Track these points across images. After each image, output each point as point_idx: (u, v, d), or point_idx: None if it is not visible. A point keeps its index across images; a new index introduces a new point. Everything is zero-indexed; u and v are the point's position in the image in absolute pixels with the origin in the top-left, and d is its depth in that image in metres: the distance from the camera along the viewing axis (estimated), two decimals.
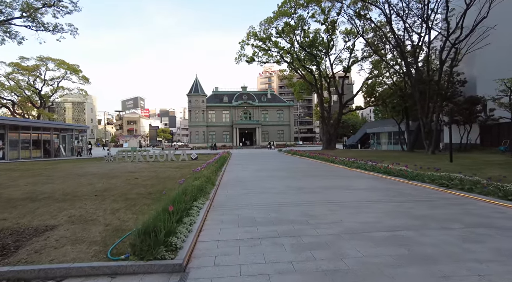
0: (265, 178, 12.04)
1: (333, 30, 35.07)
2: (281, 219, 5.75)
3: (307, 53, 36.78)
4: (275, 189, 9.26)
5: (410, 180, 10.13)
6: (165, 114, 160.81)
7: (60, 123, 37.76)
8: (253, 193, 8.65)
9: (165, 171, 14.56)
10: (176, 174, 13.26)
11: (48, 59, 41.48)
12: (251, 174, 13.80)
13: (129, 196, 7.83)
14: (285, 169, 15.86)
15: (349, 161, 16.17)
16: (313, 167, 16.83)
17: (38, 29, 21.31)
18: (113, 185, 9.76)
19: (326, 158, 19.85)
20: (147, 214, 5.61)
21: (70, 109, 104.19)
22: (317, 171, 14.72)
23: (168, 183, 10.28)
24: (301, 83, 42.26)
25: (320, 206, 6.83)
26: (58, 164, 20.24)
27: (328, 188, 9.32)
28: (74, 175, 12.98)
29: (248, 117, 70.85)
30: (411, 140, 27.95)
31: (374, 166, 13.39)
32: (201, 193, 7.47)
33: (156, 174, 13.47)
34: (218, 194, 8.61)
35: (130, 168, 16.41)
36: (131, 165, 18.66)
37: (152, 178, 11.93)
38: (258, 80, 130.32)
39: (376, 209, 6.52)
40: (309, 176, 12.58)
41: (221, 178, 12.23)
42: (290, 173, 13.86)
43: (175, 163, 20.07)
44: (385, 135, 45.99)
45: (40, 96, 42.54)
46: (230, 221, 5.71)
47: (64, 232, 4.68)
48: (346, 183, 10.51)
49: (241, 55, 36.63)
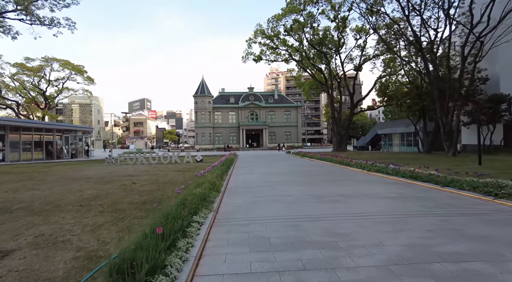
0: (277, 183, 10.82)
1: (344, 27, 33.71)
2: (302, 240, 4.53)
3: (316, 51, 35.48)
4: (290, 197, 8.04)
5: (443, 186, 8.81)
6: (172, 116, 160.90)
7: (63, 125, 37.11)
8: (264, 202, 7.45)
9: (167, 175, 13.46)
10: (178, 178, 12.13)
11: (52, 59, 40.99)
12: (260, 178, 12.60)
13: (119, 206, 6.70)
14: (297, 173, 14.62)
15: (367, 164, 14.84)
16: (327, 170, 15.54)
17: (33, 23, 20.45)
18: (105, 192, 8.66)
19: (340, 160, 18.54)
20: (135, 232, 4.47)
21: (77, 111, 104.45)
22: (333, 175, 13.44)
23: (168, 189, 9.15)
24: (310, 82, 40.89)
25: (347, 221, 5.59)
26: (55, 166, 19.33)
27: (350, 196, 8.07)
28: (67, 179, 11.95)
29: (254, 118, 69.69)
30: (428, 141, 26.35)
31: (397, 169, 12.06)
32: (203, 203, 6.31)
33: (157, 178, 12.37)
34: (223, 203, 7.43)
35: (130, 171, 15.36)
36: (132, 168, 17.63)
37: (151, 182, 10.82)
38: (265, 81, 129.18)
39: (417, 225, 5.26)
40: (325, 181, 11.32)
41: (227, 182, 11.06)
42: (304, 177, 12.62)
43: (179, 166, 18.99)
44: (397, 136, 44.33)
45: (44, 97, 42.05)
46: (238, 242, 4.51)
47: (18, 262, 3.54)
48: (369, 189, 9.23)
49: (248, 54, 35.49)
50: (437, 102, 22.15)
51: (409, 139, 41.87)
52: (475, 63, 20.84)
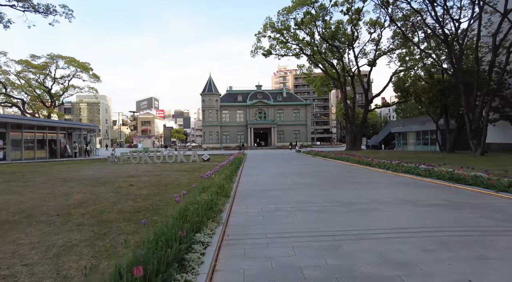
0: (294, 186, 9.42)
1: (358, 20, 31.97)
2: (350, 273, 3.15)
3: (328, 46, 33.83)
4: (314, 204, 6.64)
5: (498, 191, 7.30)
6: (180, 115, 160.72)
7: (67, 122, 36.32)
8: (284, 211, 6.07)
9: (170, 175, 12.18)
10: (183, 179, 10.84)
11: (58, 57, 40.29)
12: (274, 179, 11.21)
13: (106, 216, 5.41)
14: (314, 173, 13.18)
15: (392, 164, 13.32)
16: (346, 170, 14.07)
17: (26, 9, 19.31)
18: (95, 196, 7.40)
19: (358, 159, 17.02)
20: (114, 259, 3.16)
21: (85, 110, 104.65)
22: (354, 176, 11.98)
23: (169, 193, 7.85)
24: (322, 78, 39.18)
25: (400, 240, 4.17)
26: (55, 166, 18.27)
27: (386, 203, 6.63)
28: (59, 180, 10.76)
29: (263, 116, 68.24)
30: (451, 140, 24.49)
31: (431, 170, 10.54)
32: (209, 214, 4.96)
33: (159, 179, 11.10)
34: (234, 211, 6.08)
35: (131, 171, 14.14)
36: (134, 167, 16.43)
37: (152, 184, 9.54)
38: (273, 80, 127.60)
39: (502, 248, 3.82)
40: (349, 184, 9.87)
41: (237, 185, 9.71)
42: (323, 179, 11.18)
43: (184, 165, 17.73)
44: (412, 135, 42.42)
45: (50, 95, 41.39)
46: (258, 275, 3.15)
47: None
48: (406, 194, 7.77)
49: (258, 48, 33.93)
50: (463, 97, 20.37)
51: (426, 138, 39.92)
52: (509, 53, 18.91)
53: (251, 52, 33.90)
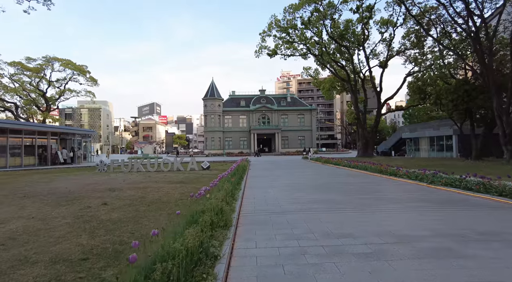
0: (314, 205, 7.23)
1: (370, 18, 29.92)
2: None
3: (337, 46, 31.76)
4: (356, 240, 4.44)
5: None
6: (183, 121, 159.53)
7: (59, 127, 34.37)
8: (314, 255, 3.88)
9: (160, 189, 10.04)
10: (173, 195, 8.70)
11: (54, 59, 38.60)
12: (287, 195, 9.03)
13: (23, 268, 3.26)
14: (333, 186, 10.97)
15: (426, 174, 11.10)
16: (369, 182, 11.85)
17: None
18: (43, 224, 5.27)
19: (380, 168, 14.79)
20: None
21: (86, 116, 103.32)
22: (384, 191, 9.78)
23: (148, 217, 5.74)
24: (331, 80, 36.98)
25: None
26: (33, 175, 16.17)
27: (465, 239, 4.42)
28: (17, 195, 8.64)
29: (266, 122, 66.12)
30: (478, 146, 22.09)
31: (487, 184, 8.30)
32: (196, 272, 2.82)
33: (144, 193, 8.96)
34: (237, 256, 3.91)
35: (116, 182, 12.02)
36: (122, 177, 14.31)
37: (131, 203, 7.41)
38: (276, 85, 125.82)
39: None
40: (384, 201, 7.66)
41: (241, 203, 7.56)
42: (347, 194, 8.96)
43: (180, 175, 15.59)
44: (425, 140, 40.05)
45: (45, 99, 39.60)
46: None
47: None
48: (479, 221, 5.56)
49: (262, 48, 31.79)
50: (495, 98, 18.13)
51: (440, 144, 37.52)
52: None
53: (255, 52, 31.87)
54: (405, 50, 30.50)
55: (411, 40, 28.31)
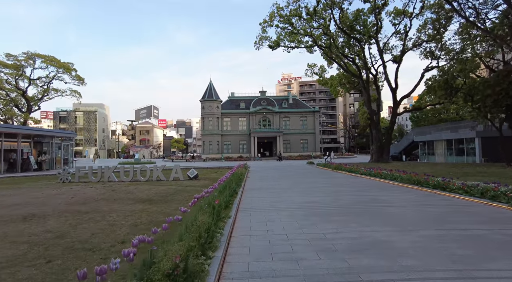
0: (358, 256, 3.76)
1: (384, 4, 26.59)
2: None
3: (346, 39, 28.45)
4: None
5: None
6: (182, 125, 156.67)
7: (31, 129, 30.88)
8: None
9: (107, 215, 6.59)
10: (118, 230, 5.26)
11: (36, 55, 35.39)
12: (303, 229, 5.57)
13: None
14: (369, 208, 7.48)
15: (502, 191, 7.65)
16: (417, 201, 8.37)
17: None
18: None
19: (417, 178, 11.32)
20: None
21: (81, 119, 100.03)
22: (452, 218, 6.33)
23: None
24: (340, 76, 33.52)
25: None
26: None
27: None
28: None
29: (267, 124, 62.70)
30: None
31: None
32: None
33: (72, 227, 5.53)
34: None
35: (55, 202, 8.58)
36: (76, 191, 10.86)
37: (24, 254, 3.96)
38: (277, 88, 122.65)
39: None
40: (483, 247, 4.20)
41: (222, 262, 4.11)
42: (398, 225, 5.45)
43: (156, 187, 12.12)
44: (441, 144, 36.60)
45: (26, 99, 36.30)
46: None
47: None
48: None
49: (263, 39, 28.25)
50: None
51: (459, 148, 34.05)
52: None
53: (255, 43, 28.35)
54: (424, 42, 27.13)
55: (429, 32, 24.86)
